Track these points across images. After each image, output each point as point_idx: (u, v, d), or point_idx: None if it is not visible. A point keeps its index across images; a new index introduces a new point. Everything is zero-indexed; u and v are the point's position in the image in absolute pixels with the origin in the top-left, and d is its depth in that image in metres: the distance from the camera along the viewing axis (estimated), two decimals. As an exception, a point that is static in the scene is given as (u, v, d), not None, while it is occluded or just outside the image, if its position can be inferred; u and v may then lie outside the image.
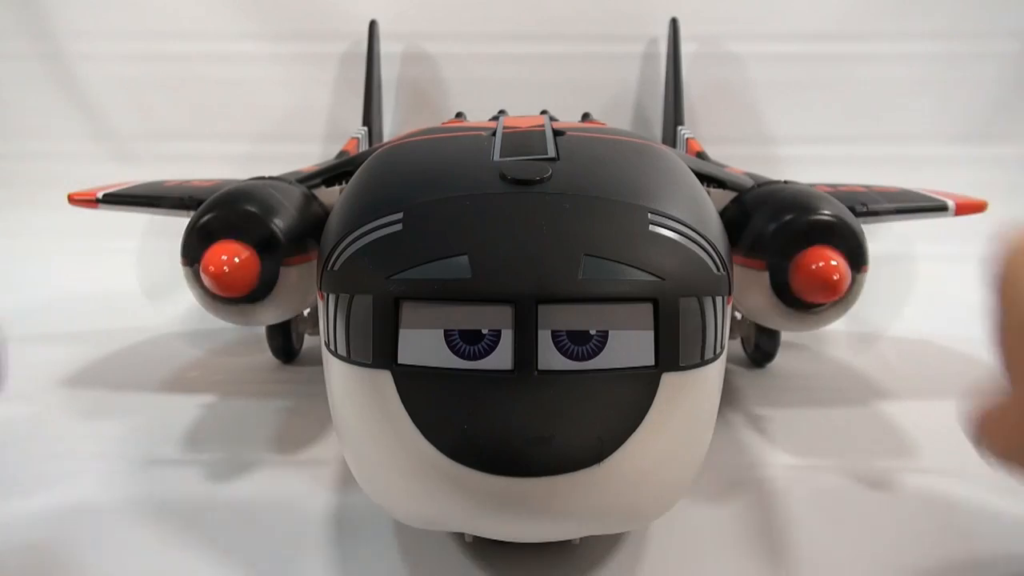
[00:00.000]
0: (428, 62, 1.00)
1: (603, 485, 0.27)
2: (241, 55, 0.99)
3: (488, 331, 0.27)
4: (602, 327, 0.27)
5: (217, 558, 0.35)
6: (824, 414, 0.51)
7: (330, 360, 0.31)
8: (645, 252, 0.28)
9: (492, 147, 0.35)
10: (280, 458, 0.44)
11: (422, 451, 0.27)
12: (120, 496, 0.40)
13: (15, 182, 1.00)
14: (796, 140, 0.98)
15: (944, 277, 0.76)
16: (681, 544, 0.36)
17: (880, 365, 0.59)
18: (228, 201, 0.42)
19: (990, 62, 0.95)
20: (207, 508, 0.39)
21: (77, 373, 0.57)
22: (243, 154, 0.98)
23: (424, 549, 0.35)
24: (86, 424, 0.49)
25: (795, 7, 0.96)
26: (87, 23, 0.98)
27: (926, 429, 0.48)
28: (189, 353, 0.61)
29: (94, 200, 0.57)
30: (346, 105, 0.98)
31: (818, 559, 0.36)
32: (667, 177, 0.35)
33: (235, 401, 0.52)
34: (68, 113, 1.01)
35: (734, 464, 0.44)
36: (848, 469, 0.43)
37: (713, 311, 0.30)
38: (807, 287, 0.40)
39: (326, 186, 0.49)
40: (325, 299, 0.32)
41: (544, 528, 0.29)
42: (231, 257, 0.38)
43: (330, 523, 0.38)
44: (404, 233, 0.29)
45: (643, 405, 0.27)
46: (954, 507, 0.40)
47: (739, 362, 0.59)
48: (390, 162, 0.37)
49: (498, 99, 0.85)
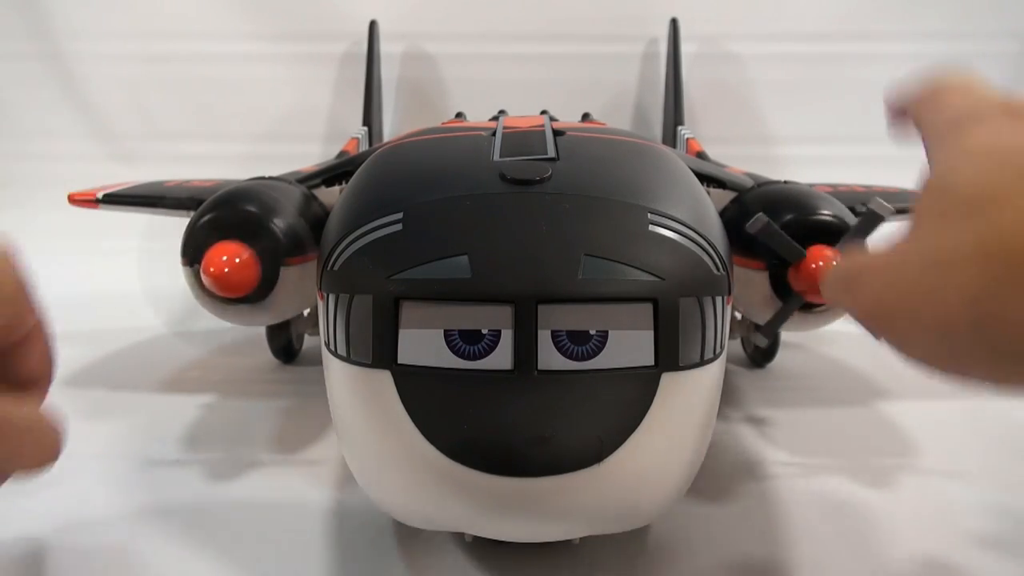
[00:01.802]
0: (428, 62, 1.00)
1: (603, 485, 0.27)
2: (241, 55, 0.99)
3: (488, 331, 0.27)
4: (602, 327, 0.27)
5: (217, 558, 0.35)
6: (824, 414, 0.51)
7: (330, 360, 0.31)
8: (645, 252, 0.28)
9: (492, 147, 0.35)
10: (280, 458, 0.44)
11: (422, 451, 0.27)
12: (120, 496, 0.40)
13: (15, 182, 1.00)
14: (796, 140, 0.98)
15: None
16: (681, 544, 0.36)
17: (880, 365, 0.59)
18: (228, 201, 0.42)
19: (990, 62, 0.95)
20: (207, 508, 0.39)
21: (77, 373, 0.57)
22: (243, 154, 0.98)
23: (424, 549, 0.35)
24: (86, 424, 0.49)
25: (795, 7, 0.96)
26: (87, 23, 0.98)
27: (926, 429, 0.48)
28: (189, 353, 0.61)
29: (94, 200, 0.57)
30: (346, 105, 0.98)
31: (818, 559, 0.35)
32: (667, 177, 0.35)
33: (235, 401, 0.52)
34: (68, 113, 1.01)
35: (734, 464, 0.44)
36: (848, 469, 0.43)
37: (713, 311, 0.30)
38: (807, 287, 0.40)
39: (326, 186, 0.49)
40: (325, 299, 0.32)
41: (544, 528, 0.29)
42: (231, 257, 0.38)
43: (330, 523, 0.38)
44: (404, 233, 0.29)
45: (643, 405, 0.27)
46: (954, 507, 0.40)
47: (739, 362, 0.59)
48: (390, 162, 0.37)
49: (498, 99, 0.85)
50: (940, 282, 0.19)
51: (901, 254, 0.21)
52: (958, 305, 0.18)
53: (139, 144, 1.01)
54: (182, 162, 0.85)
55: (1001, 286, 0.17)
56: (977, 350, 0.19)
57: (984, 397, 0.55)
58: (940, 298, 0.19)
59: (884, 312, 0.21)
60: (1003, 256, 0.17)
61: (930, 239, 0.20)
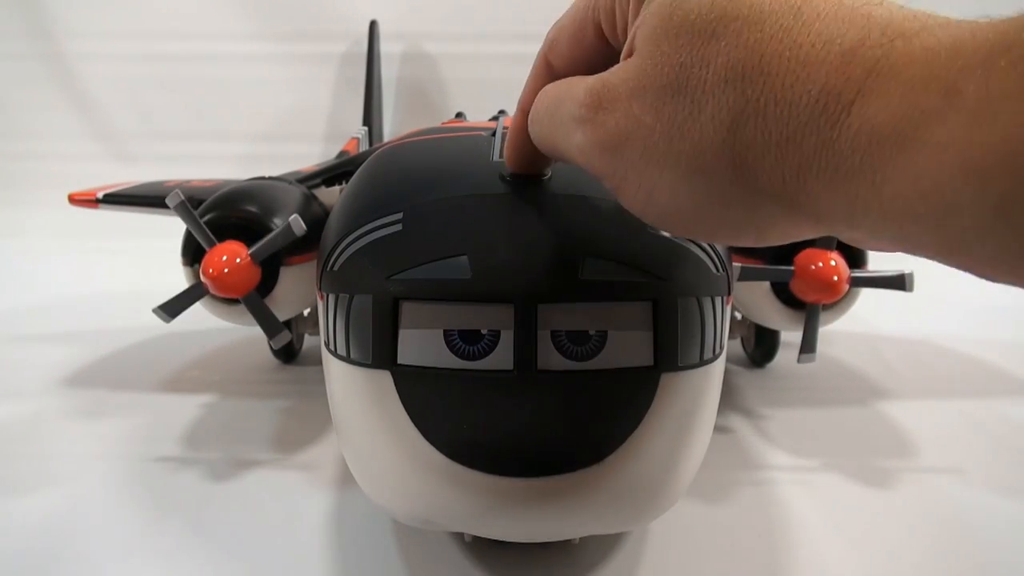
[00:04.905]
0: (428, 62, 1.00)
1: (602, 485, 0.27)
2: (241, 55, 0.99)
3: (488, 331, 0.27)
4: (601, 327, 0.27)
5: (217, 557, 0.35)
6: (824, 414, 0.51)
7: (330, 360, 0.31)
8: (644, 252, 0.28)
9: (492, 147, 0.35)
10: (280, 458, 0.44)
11: (421, 451, 0.27)
12: (120, 496, 0.40)
13: (15, 182, 1.00)
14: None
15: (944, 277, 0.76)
16: (681, 544, 0.36)
17: (880, 365, 0.60)
18: (228, 201, 0.42)
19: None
20: (207, 508, 0.39)
21: (77, 373, 0.57)
22: (243, 154, 0.98)
23: (424, 549, 0.35)
24: (86, 424, 0.49)
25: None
26: (87, 23, 0.98)
27: (926, 429, 0.48)
28: (189, 353, 0.61)
29: (94, 200, 0.57)
30: (346, 105, 0.98)
31: (818, 559, 0.36)
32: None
33: (235, 401, 0.52)
34: (68, 113, 1.01)
35: (734, 464, 0.44)
36: (848, 469, 0.43)
37: (712, 311, 0.30)
38: (806, 287, 0.40)
39: (326, 186, 0.49)
40: (325, 299, 0.32)
41: (543, 528, 0.29)
42: (231, 258, 0.38)
43: (329, 523, 0.38)
44: (404, 233, 0.29)
45: (642, 405, 0.27)
46: (954, 507, 0.40)
47: (739, 362, 0.59)
48: (390, 162, 0.37)
49: (498, 99, 0.85)
50: (689, 110, 0.17)
51: (632, 81, 0.19)
52: (713, 135, 0.17)
53: (139, 144, 1.01)
54: (182, 162, 0.85)
55: (756, 109, 0.16)
56: (734, 190, 0.17)
57: (984, 397, 0.55)
58: (692, 127, 0.17)
59: (620, 142, 0.19)
60: (756, 76, 0.16)
61: (664, 65, 0.18)
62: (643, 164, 0.19)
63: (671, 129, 0.18)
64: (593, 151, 0.20)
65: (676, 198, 0.19)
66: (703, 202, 0.18)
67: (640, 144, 0.18)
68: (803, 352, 0.41)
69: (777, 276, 0.40)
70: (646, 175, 0.19)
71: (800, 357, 0.40)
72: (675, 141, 0.18)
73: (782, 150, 0.16)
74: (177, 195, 0.37)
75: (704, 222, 0.19)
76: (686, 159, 0.18)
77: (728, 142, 0.17)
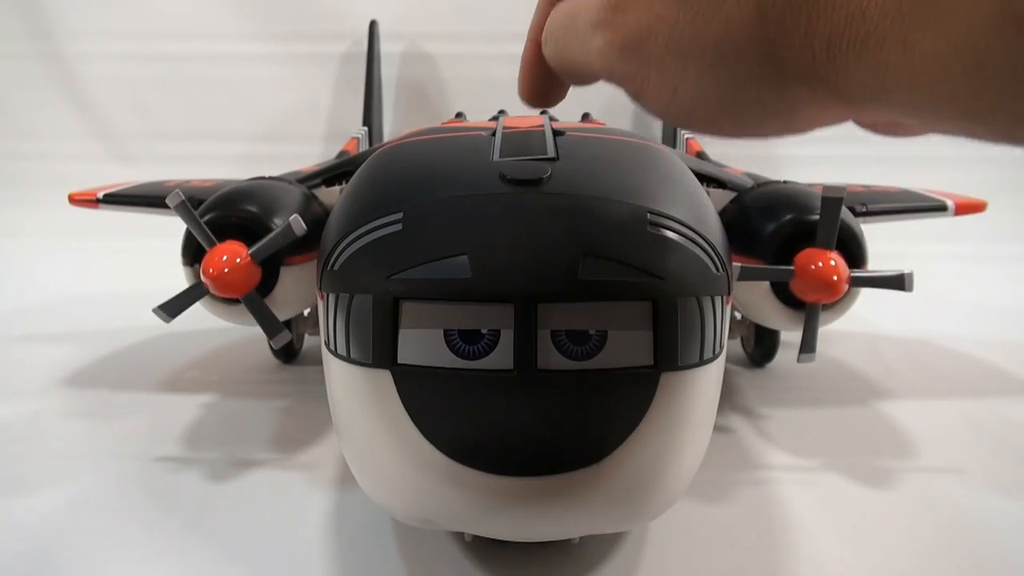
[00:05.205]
0: (428, 62, 1.00)
1: (602, 485, 0.27)
2: (241, 55, 0.99)
3: (488, 331, 0.27)
4: (601, 327, 0.27)
5: (217, 557, 0.35)
6: (824, 414, 0.51)
7: (330, 360, 0.31)
8: (644, 252, 0.28)
9: (492, 147, 0.35)
10: (280, 458, 0.44)
11: (422, 451, 0.27)
12: (120, 496, 0.40)
13: (15, 182, 1.00)
14: (796, 140, 0.97)
15: (944, 277, 0.76)
16: (681, 544, 0.36)
17: (880, 365, 0.60)
18: (228, 201, 0.42)
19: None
20: (206, 508, 0.39)
21: (77, 373, 0.57)
22: (243, 154, 0.98)
23: (424, 549, 0.35)
24: (86, 424, 0.49)
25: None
26: (87, 23, 0.98)
27: (926, 429, 0.48)
28: (189, 353, 0.61)
29: (94, 200, 0.57)
30: (346, 105, 0.98)
31: (817, 559, 0.36)
32: (667, 177, 0.35)
33: (235, 401, 0.52)
34: (68, 113, 1.01)
35: (734, 464, 0.44)
36: (848, 469, 0.43)
37: (712, 311, 0.30)
38: (806, 287, 0.40)
39: (326, 186, 0.49)
40: (325, 299, 0.32)
41: (543, 527, 0.29)
42: (231, 258, 0.38)
43: (330, 523, 0.38)
44: (404, 233, 0.29)
45: (642, 405, 0.27)
46: (954, 507, 0.40)
47: (739, 362, 0.59)
48: (390, 162, 0.37)
49: (498, 99, 0.85)
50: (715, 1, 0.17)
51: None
52: (739, 17, 0.17)
53: (139, 144, 1.01)
54: (182, 162, 0.85)
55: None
56: (762, 72, 0.17)
57: (984, 397, 0.55)
58: (717, 13, 0.17)
59: (642, 39, 0.18)
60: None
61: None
62: (667, 59, 0.18)
63: (696, 17, 0.17)
64: (612, 52, 0.20)
65: (701, 90, 0.18)
66: (729, 90, 0.18)
67: (664, 38, 0.18)
68: (803, 352, 0.41)
69: (777, 276, 0.40)
70: (670, 70, 0.18)
71: (800, 357, 0.41)
72: (700, 29, 0.17)
73: (812, 24, 0.16)
74: (177, 195, 0.37)
75: (729, 111, 0.19)
76: (712, 46, 0.17)
77: (755, 22, 0.17)
